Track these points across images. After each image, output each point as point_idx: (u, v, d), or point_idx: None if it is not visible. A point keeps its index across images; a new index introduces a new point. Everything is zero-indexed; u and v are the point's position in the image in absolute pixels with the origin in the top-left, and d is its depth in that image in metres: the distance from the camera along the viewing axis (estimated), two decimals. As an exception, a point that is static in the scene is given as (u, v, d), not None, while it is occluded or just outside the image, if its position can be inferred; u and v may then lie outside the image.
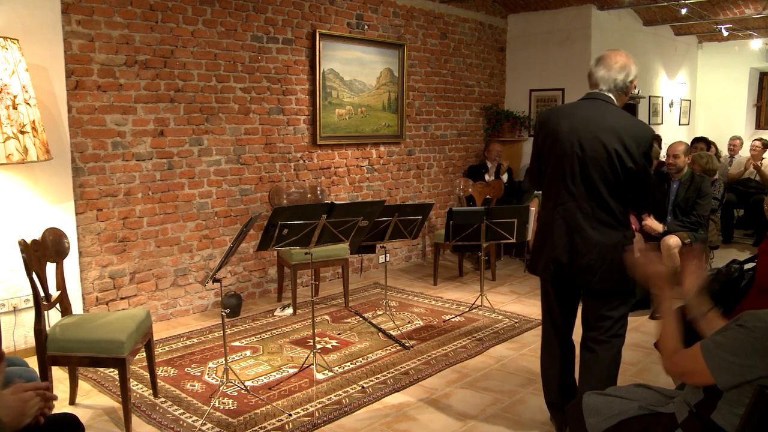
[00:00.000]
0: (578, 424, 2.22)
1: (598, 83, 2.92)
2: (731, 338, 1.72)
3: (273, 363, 4.10)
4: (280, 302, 5.49)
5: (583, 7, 7.48)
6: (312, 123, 5.88)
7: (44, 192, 4.12)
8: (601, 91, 2.91)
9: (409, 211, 4.58)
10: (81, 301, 4.40)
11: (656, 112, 9.50)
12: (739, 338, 1.70)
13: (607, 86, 2.91)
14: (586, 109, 2.87)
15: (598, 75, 2.93)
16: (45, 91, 4.06)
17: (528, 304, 5.50)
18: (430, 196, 7.21)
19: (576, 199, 2.82)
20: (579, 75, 7.56)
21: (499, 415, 3.40)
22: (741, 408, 1.71)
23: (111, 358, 3.14)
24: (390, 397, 3.61)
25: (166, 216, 4.92)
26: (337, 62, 6.01)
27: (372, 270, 6.68)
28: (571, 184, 2.82)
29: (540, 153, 2.98)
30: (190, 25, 4.91)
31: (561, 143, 2.83)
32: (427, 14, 6.96)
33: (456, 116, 7.48)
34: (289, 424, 3.27)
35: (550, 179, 2.92)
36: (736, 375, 1.69)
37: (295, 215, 3.52)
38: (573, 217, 2.83)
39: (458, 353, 4.28)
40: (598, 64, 2.95)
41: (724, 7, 8.03)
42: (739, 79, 10.50)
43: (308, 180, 5.90)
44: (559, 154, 2.84)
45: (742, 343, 1.69)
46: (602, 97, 2.89)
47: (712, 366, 1.73)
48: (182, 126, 4.95)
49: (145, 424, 3.29)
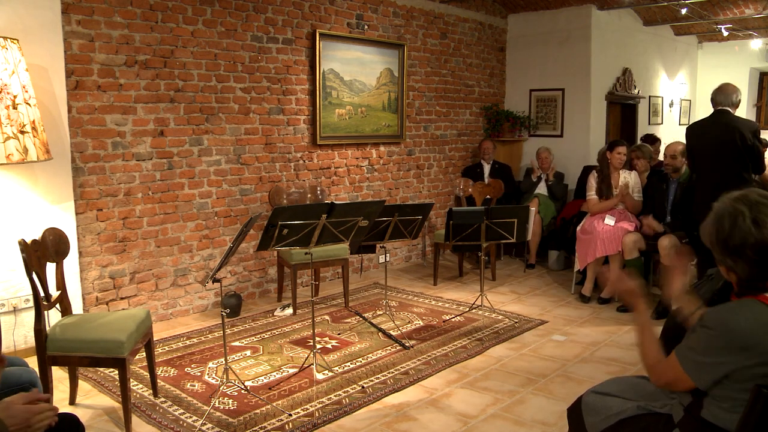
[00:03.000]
0: (578, 423, 2.22)
1: (722, 103, 4.70)
2: (697, 340, 1.76)
3: (273, 363, 4.10)
4: (280, 302, 5.49)
5: (583, 7, 7.48)
6: (312, 123, 5.88)
7: (44, 192, 4.12)
8: (723, 107, 4.68)
9: (409, 211, 4.57)
10: (81, 301, 4.40)
11: (656, 112, 9.50)
12: (703, 338, 1.75)
13: (726, 103, 4.68)
14: (719, 117, 4.68)
15: (718, 99, 4.73)
16: (45, 91, 4.06)
17: (528, 304, 5.51)
18: (430, 196, 7.22)
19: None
20: (579, 75, 7.59)
21: (499, 415, 3.40)
22: (727, 402, 1.74)
23: (111, 358, 3.14)
24: (390, 397, 3.61)
25: (166, 216, 4.92)
26: (337, 62, 6.01)
27: (372, 270, 6.68)
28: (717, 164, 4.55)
29: (692, 151, 4.81)
30: (190, 25, 4.91)
31: (710, 139, 4.63)
32: (427, 14, 6.96)
33: (456, 116, 7.48)
34: (289, 424, 3.27)
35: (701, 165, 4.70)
36: (711, 373, 1.73)
37: (295, 215, 3.52)
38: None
39: (458, 353, 4.28)
40: (718, 92, 4.75)
41: (724, 7, 8.02)
42: (739, 79, 10.46)
43: (308, 180, 5.90)
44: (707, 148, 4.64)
45: (707, 342, 1.73)
46: (723, 110, 4.69)
47: (688, 370, 1.78)
48: (182, 126, 4.95)
49: (145, 424, 3.29)
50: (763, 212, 1.70)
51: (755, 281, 1.75)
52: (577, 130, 7.69)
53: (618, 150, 5.60)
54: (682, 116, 10.38)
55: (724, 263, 1.80)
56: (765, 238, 1.69)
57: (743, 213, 1.71)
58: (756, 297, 1.73)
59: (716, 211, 1.80)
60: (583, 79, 7.59)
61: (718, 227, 1.77)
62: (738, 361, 1.68)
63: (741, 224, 1.71)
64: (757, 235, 1.69)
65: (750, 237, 1.69)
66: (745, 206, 1.72)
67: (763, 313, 1.69)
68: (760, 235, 1.69)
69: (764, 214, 1.70)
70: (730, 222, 1.73)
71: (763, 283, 1.74)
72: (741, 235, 1.70)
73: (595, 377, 3.86)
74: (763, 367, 1.66)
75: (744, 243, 1.70)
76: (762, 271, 1.73)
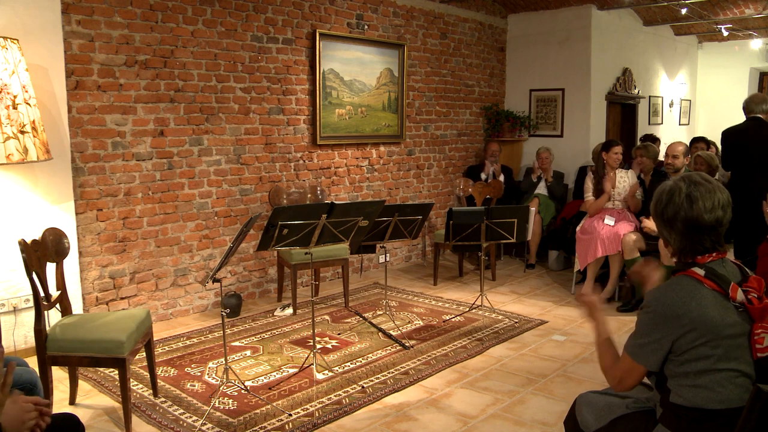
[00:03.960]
0: (572, 424, 2.23)
1: (754, 111, 5.23)
2: (638, 324, 1.91)
3: (273, 363, 4.10)
4: (280, 302, 5.50)
5: (583, 7, 7.48)
6: (312, 123, 5.88)
7: (44, 192, 4.12)
8: (755, 114, 5.22)
9: (409, 211, 4.57)
10: (81, 301, 4.40)
11: (656, 112, 9.50)
12: (643, 320, 1.89)
13: (758, 111, 5.22)
14: (752, 124, 5.24)
15: (750, 107, 5.26)
16: (45, 91, 4.06)
17: (528, 304, 5.51)
18: (430, 196, 7.22)
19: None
20: (579, 75, 7.59)
21: (499, 415, 3.40)
22: (686, 379, 1.84)
23: (111, 358, 3.14)
24: (390, 397, 3.61)
25: (166, 216, 4.92)
26: (337, 62, 6.01)
27: (372, 270, 6.68)
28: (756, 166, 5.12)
29: (730, 154, 5.37)
30: (190, 25, 4.91)
31: (748, 143, 5.19)
32: (427, 14, 6.96)
33: (456, 116, 7.48)
34: (289, 424, 3.27)
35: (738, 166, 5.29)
36: (656, 351, 1.86)
37: (295, 215, 3.52)
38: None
39: (458, 353, 4.28)
40: (750, 101, 5.28)
41: (724, 7, 8.02)
42: (739, 79, 10.50)
43: (308, 180, 5.90)
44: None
45: (646, 322, 1.88)
46: (757, 117, 5.24)
47: (636, 356, 1.90)
48: (182, 126, 4.95)
49: (145, 424, 3.29)
50: (699, 191, 1.85)
51: (686, 255, 1.91)
52: (577, 130, 7.69)
53: (614, 150, 5.61)
54: (682, 116, 10.38)
55: (661, 234, 1.98)
56: (694, 214, 1.85)
57: (681, 189, 1.88)
58: (685, 273, 1.86)
59: (661, 186, 1.97)
60: (583, 79, 7.59)
61: (659, 197, 1.94)
62: (675, 331, 1.81)
63: (676, 199, 1.88)
64: (687, 210, 1.85)
65: (681, 211, 1.86)
66: (684, 184, 1.89)
67: (689, 284, 1.83)
68: (690, 210, 1.85)
69: (699, 193, 1.85)
70: (667, 196, 1.91)
71: (693, 258, 1.89)
72: (674, 209, 1.88)
73: (595, 377, 3.86)
74: (693, 333, 1.79)
75: (676, 216, 1.87)
76: (692, 244, 1.89)
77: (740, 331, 1.79)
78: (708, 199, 1.84)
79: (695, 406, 1.83)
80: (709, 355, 1.79)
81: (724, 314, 1.78)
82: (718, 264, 1.86)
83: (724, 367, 1.79)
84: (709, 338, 1.78)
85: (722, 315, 1.78)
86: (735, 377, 1.80)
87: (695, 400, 1.83)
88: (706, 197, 1.85)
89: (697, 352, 1.80)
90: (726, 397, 1.80)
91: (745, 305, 1.80)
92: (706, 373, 1.81)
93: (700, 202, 1.84)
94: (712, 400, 1.81)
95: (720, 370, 1.80)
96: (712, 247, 1.87)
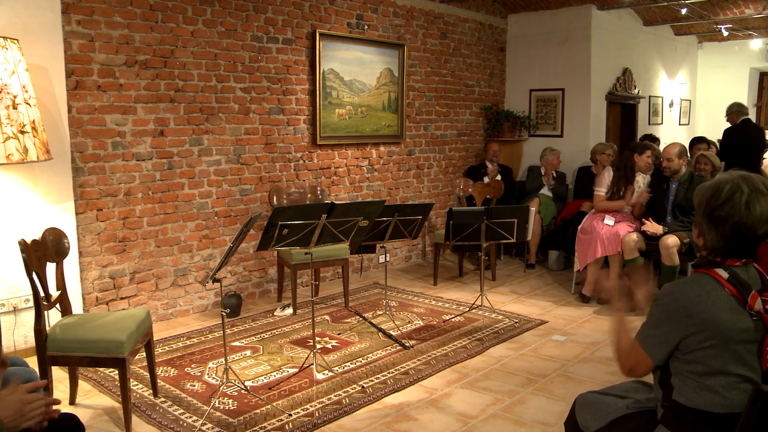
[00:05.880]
0: (572, 424, 2.23)
1: (746, 112, 6.35)
2: (649, 315, 1.91)
3: (273, 363, 4.10)
4: (280, 302, 5.49)
5: (583, 7, 7.48)
6: (312, 123, 5.88)
7: (44, 192, 4.12)
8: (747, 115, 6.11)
9: (409, 211, 4.57)
10: (81, 301, 4.40)
11: (656, 112, 9.50)
12: (654, 312, 1.89)
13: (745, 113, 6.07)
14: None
15: (745, 110, 6.28)
16: (45, 91, 4.06)
17: (528, 304, 5.51)
18: (430, 196, 7.22)
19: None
20: (579, 75, 7.59)
21: (499, 415, 3.40)
22: (689, 381, 1.83)
23: (111, 358, 3.14)
24: (390, 397, 3.61)
25: (166, 216, 4.92)
26: (337, 62, 6.01)
27: (372, 270, 6.68)
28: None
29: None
30: (190, 25, 4.91)
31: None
32: (427, 14, 6.96)
33: (456, 116, 7.48)
34: (289, 424, 3.27)
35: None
36: (662, 345, 1.85)
37: (295, 215, 3.52)
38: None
39: (458, 353, 4.28)
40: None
41: (724, 7, 8.02)
42: (739, 79, 10.50)
43: (308, 180, 5.90)
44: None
45: (657, 315, 1.87)
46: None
47: (644, 345, 1.90)
48: (182, 126, 4.95)
49: (145, 424, 3.29)
50: (759, 200, 1.77)
51: (716, 255, 1.84)
52: (577, 130, 7.69)
53: (647, 154, 5.51)
54: (682, 116, 10.38)
55: (699, 226, 1.89)
56: (749, 223, 1.77)
57: (742, 191, 1.79)
58: (707, 271, 1.82)
59: (720, 179, 1.86)
60: (583, 79, 7.59)
61: (714, 192, 1.83)
62: (684, 329, 1.79)
63: (736, 200, 1.78)
64: (744, 216, 1.77)
65: (736, 215, 1.77)
66: (747, 188, 1.79)
67: (709, 284, 1.79)
68: (747, 218, 1.77)
69: (759, 202, 1.77)
70: (728, 194, 1.80)
71: (721, 259, 1.83)
72: (729, 211, 1.78)
73: (595, 377, 3.86)
74: (702, 334, 1.77)
75: (728, 218, 1.78)
76: (728, 247, 1.82)
77: (752, 338, 1.77)
78: (767, 210, 1.77)
79: (697, 408, 1.82)
80: (717, 358, 1.77)
81: (737, 319, 1.75)
82: (742, 269, 1.81)
83: (731, 371, 1.78)
84: (717, 341, 1.76)
85: (735, 320, 1.75)
86: (740, 382, 1.78)
87: (698, 402, 1.82)
88: (765, 208, 1.77)
89: (704, 354, 1.79)
90: (729, 401, 1.79)
91: (762, 314, 1.76)
92: (712, 376, 1.79)
93: (758, 212, 1.76)
94: (716, 404, 1.79)
95: (726, 374, 1.78)
96: (746, 255, 1.82)
